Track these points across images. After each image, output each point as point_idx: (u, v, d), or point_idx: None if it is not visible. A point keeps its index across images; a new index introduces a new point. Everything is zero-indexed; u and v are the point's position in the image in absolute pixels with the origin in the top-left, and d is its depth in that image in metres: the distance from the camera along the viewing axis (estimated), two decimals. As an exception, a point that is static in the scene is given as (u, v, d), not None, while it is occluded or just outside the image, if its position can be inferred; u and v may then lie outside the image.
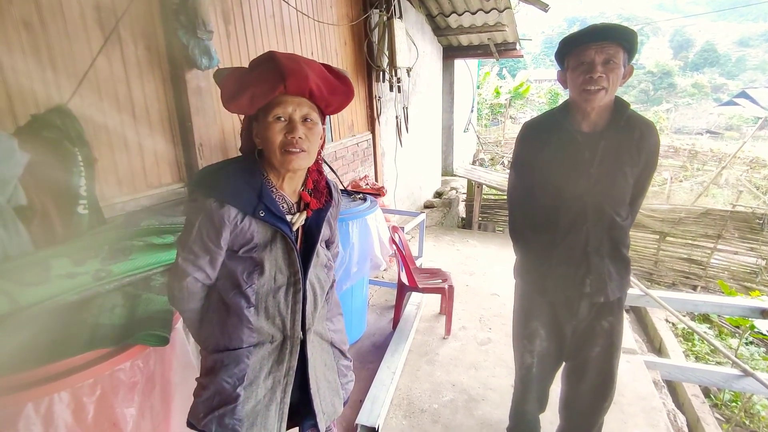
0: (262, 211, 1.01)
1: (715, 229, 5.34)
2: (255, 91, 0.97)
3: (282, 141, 1.00)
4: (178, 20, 2.00)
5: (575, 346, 1.69)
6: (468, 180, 6.41)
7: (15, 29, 1.49)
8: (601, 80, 1.33)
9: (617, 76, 1.35)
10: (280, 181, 1.07)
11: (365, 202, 2.70)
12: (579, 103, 1.43)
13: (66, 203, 1.41)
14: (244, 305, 1.03)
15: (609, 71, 1.33)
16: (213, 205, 0.99)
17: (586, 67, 1.35)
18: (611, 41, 1.32)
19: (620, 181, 1.46)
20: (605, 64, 1.33)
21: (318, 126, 1.06)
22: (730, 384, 2.70)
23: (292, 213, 1.09)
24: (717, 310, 3.15)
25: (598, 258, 1.52)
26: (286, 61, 0.97)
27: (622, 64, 1.35)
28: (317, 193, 1.14)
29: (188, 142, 2.19)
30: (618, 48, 1.33)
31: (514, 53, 7.37)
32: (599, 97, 1.35)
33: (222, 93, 1.02)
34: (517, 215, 1.74)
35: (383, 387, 2.34)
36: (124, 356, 1.09)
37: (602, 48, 1.33)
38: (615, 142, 1.44)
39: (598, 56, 1.33)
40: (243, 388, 1.04)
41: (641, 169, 1.48)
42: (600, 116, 1.45)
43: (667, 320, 4.48)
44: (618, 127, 1.44)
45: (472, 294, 3.69)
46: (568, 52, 1.41)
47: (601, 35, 1.33)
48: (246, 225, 1.01)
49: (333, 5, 3.67)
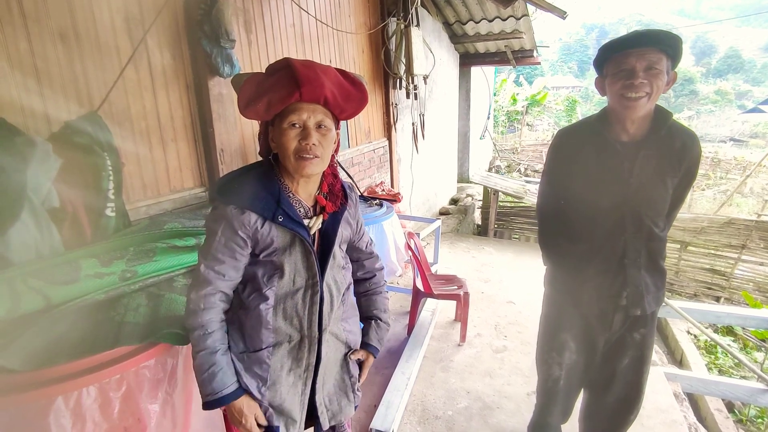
0: (281, 216, 1.03)
1: (739, 239, 5.20)
2: (271, 99, 1.00)
3: (296, 147, 1.02)
4: (202, 30, 2.07)
5: (603, 356, 1.65)
6: (484, 187, 6.39)
7: (51, 40, 1.57)
8: (643, 86, 1.29)
9: (660, 83, 1.30)
10: (295, 185, 1.10)
11: (381, 207, 2.72)
12: (618, 110, 1.38)
13: (95, 206, 1.46)
14: (264, 306, 1.06)
15: (651, 78, 1.29)
16: (234, 211, 1.02)
17: (626, 74, 1.31)
18: (653, 47, 1.28)
19: (660, 191, 1.42)
20: (647, 70, 1.29)
21: (332, 132, 1.08)
22: (755, 398, 2.62)
23: (308, 217, 1.11)
24: (741, 322, 3.05)
25: (636, 270, 1.47)
26: (302, 69, 0.99)
27: (666, 70, 1.31)
28: (332, 196, 1.16)
29: (210, 148, 2.25)
30: (660, 54, 1.28)
31: (532, 60, 7.35)
32: (641, 104, 1.31)
33: (239, 99, 1.05)
34: (548, 224, 1.70)
35: (398, 393, 2.34)
36: (149, 353, 1.12)
37: (643, 54, 1.28)
38: (655, 152, 1.39)
39: (639, 63, 1.29)
40: (267, 389, 1.09)
41: (680, 179, 1.44)
42: (640, 125, 1.40)
43: (689, 332, 4.37)
44: (659, 136, 1.39)
45: (488, 301, 3.67)
46: (608, 58, 1.37)
47: (642, 41, 1.29)
48: (266, 230, 1.04)
49: (351, 14, 3.73)
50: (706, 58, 69.67)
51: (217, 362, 1.03)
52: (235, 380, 1.06)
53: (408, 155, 5.11)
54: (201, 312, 1.03)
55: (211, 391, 1.02)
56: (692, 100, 45.33)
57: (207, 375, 1.02)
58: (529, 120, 18.95)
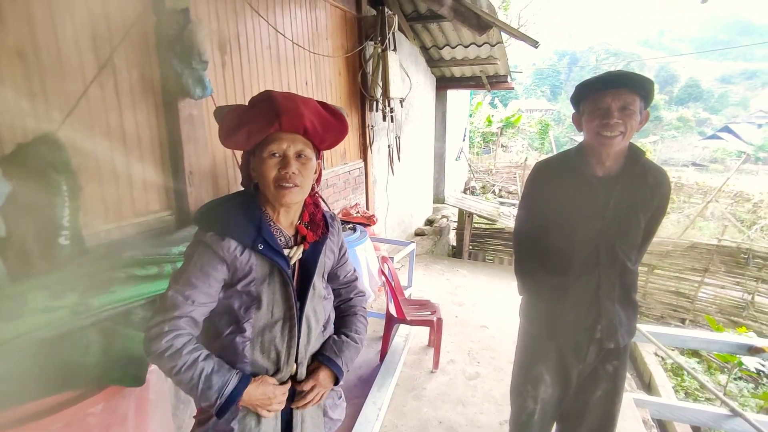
0: (261, 244, 1.02)
1: (701, 262, 5.39)
2: (251, 128, 1.01)
3: (276, 176, 1.02)
4: (174, 50, 2.02)
5: (576, 388, 1.65)
6: (459, 209, 6.45)
7: (8, 57, 1.49)
8: (617, 126, 1.34)
9: (634, 123, 1.35)
10: (276, 214, 1.10)
11: (355, 232, 2.69)
12: (594, 147, 1.43)
13: (47, 234, 1.38)
14: (239, 339, 1.03)
15: (626, 117, 1.34)
16: (213, 237, 1.00)
17: (602, 113, 1.36)
18: (628, 88, 1.34)
19: (633, 225, 1.46)
20: (622, 110, 1.34)
21: (312, 161, 1.08)
22: (719, 424, 2.66)
23: (289, 246, 1.10)
24: (705, 346, 3.14)
25: (610, 302, 1.50)
26: (282, 100, 1.01)
27: (639, 110, 1.36)
28: (314, 225, 1.15)
29: (178, 170, 2.18)
30: (634, 96, 1.34)
31: (506, 85, 7.56)
32: (616, 142, 1.36)
33: (220, 130, 1.06)
34: (525, 255, 1.72)
35: (368, 424, 2.27)
36: (97, 398, 1.04)
37: (619, 95, 1.33)
38: (629, 187, 1.44)
39: (615, 103, 1.34)
40: (237, 421, 1.04)
41: (652, 214, 1.49)
42: (615, 161, 1.45)
43: (657, 354, 4.46)
44: (633, 172, 1.44)
45: (461, 326, 3.65)
46: (585, 96, 1.42)
47: (618, 82, 1.34)
48: (245, 258, 1.02)
49: (329, 37, 3.75)
50: (669, 87, 73.57)
51: (205, 367, 0.96)
52: (235, 370, 1.00)
53: (384, 177, 5.12)
54: (164, 334, 0.95)
55: (217, 395, 0.96)
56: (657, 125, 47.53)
57: (202, 384, 0.95)
58: (503, 141, 19.41)
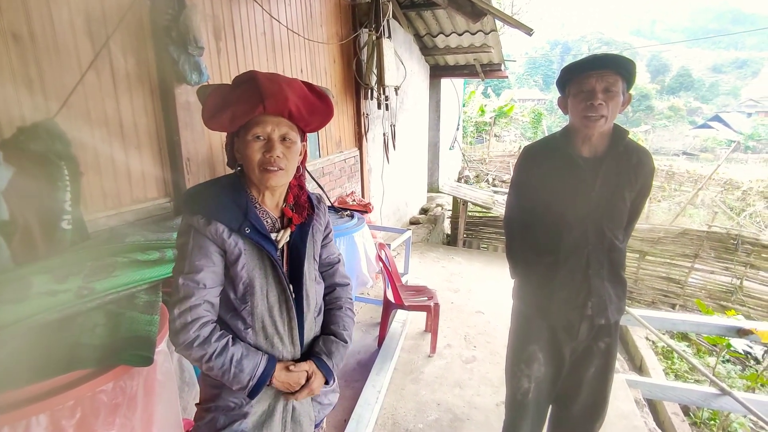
0: (248, 228, 1.02)
1: (692, 248, 5.48)
2: (235, 111, 1.00)
3: (260, 159, 1.02)
4: (170, 36, 2.00)
5: (570, 366, 1.69)
6: (453, 197, 6.48)
7: (3, 40, 1.48)
8: (601, 108, 1.38)
9: (617, 104, 1.39)
10: (261, 196, 1.10)
11: (352, 219, 2.70)
12: (580, 128, 1.48)
13: (50, 218, 1.38)
14: (242, 327, 1.05)
15: (609, 99, 1.38)
16: (200, 221, 1.00)
17: (586, 95, 1.40)
18: (611, 70, 1.37)
19: (620, 204, 1.51)
20: (605, 92, 1.38)
21: (296, 144, 1.08)
22: (708, 403, 2.74)
23: (276, 230, 1.10)
24: (695, 329, 3.20)
25: (599, 280, 1.54)
26: (266, 82, 0.99)
27: (621, 92, 1.40)
28: (299, 207, 1.16)
29: (175, 157, 2.17)
30: (617, 77, 1.38)
31: (499, 74, 7.56)
32: (600, 123, 1.40)
33: (203, 111, 1.05)
34: (516, 238, 1.76)
35: (368, 406, 2.31)
36: (106, 377, 1.06)
37: (602, 76, 1.38)
38: (614, 167, 1.49)
39: (599, 84, 1.38)
40: (251, 406, 1.06)
41: (637, 193, 1.53)
42: (600, 142, 1.50)
43: (648, 338, 4.55)
44: (617, 152, 1.49)
45: (457, 311, 3.70)
46: (570, 79, 1.46)
47: (601, 64, 1.38)
48: (233, 241, 1.02)
49: (323, 24, 3.72)
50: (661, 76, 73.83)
51: (235, 352, 1.00)
52: (261, 353, 1.04)
53: (379, 165, 5.12)
54: (190, 324, 0.98)
55: (249, 377, 1.00)
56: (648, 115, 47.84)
57: (234, 368, 0.99)
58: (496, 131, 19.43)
